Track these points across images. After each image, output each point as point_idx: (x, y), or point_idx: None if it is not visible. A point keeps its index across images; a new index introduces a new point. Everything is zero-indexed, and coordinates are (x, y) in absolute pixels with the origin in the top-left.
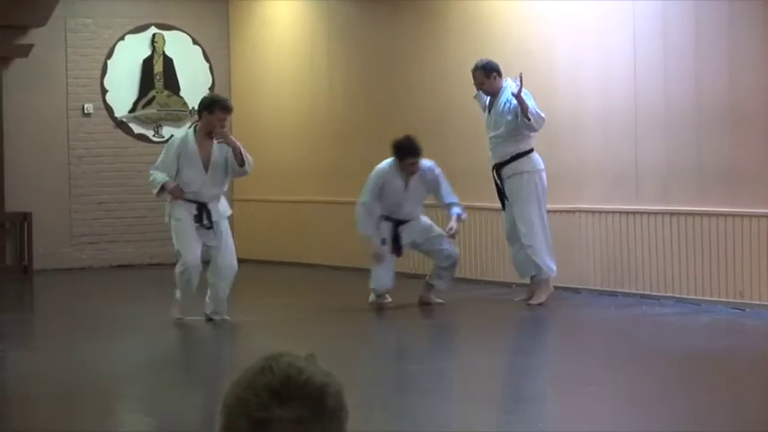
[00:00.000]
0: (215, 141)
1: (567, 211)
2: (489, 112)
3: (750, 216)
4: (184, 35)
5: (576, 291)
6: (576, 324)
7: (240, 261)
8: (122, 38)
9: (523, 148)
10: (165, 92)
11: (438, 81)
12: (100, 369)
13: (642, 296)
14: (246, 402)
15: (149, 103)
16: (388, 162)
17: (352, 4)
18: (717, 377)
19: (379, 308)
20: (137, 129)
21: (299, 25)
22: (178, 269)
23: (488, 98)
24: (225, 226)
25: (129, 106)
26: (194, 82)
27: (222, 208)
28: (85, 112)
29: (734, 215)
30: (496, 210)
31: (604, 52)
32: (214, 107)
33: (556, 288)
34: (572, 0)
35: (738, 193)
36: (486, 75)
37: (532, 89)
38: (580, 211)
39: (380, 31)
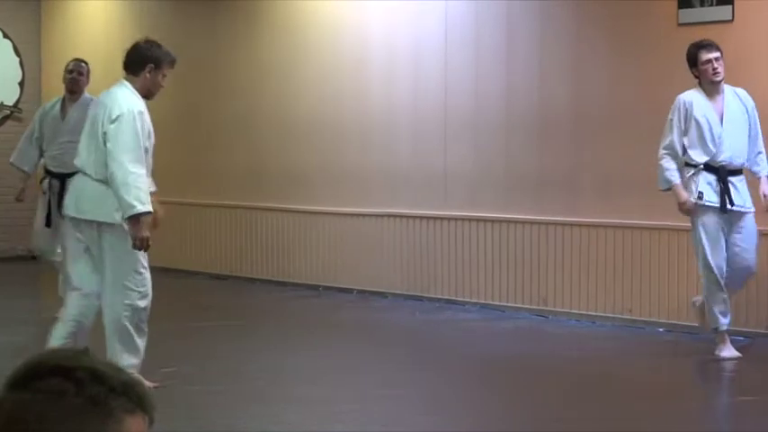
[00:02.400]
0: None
1: (377, 216)
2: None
3: (555, 224)
4: None
5: (383, 295)
6: (380, 328)
7: None
8: None
9: None
10: None
11: (251, 80)
12: None
13: (448, 301)
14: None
15: None
16: None
17: (165, 4)
18: (516, 380)
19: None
20: None
21: (112, 25)
22: None
23: None
24: None
25: None
26: (3, 76)
27: None
28: None
29: (539, 223)
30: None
31: (417, 55)
32: None
33: (362, 291)
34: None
35: (545, 201)
36: None
37: (345, 91)
38: (389, 215)
39: (194, 32)
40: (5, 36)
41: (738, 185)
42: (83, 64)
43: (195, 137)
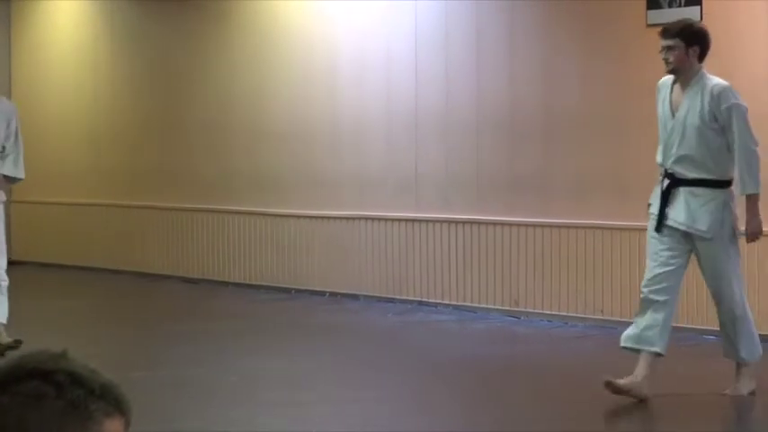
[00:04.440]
0: None
1: (348, 218)
2: None
3: (526, 225)
4: None
5: (355, 297)
6: (353, 330)
7: (19, 263)
8: None
9: None
10: None
11: (222, 82)
12: None
13: (420, 302)
14: None
15: None
16: None
17: (136, 5)
18: (488, 381)
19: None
20: None
21: (83, 26)
22: None
23: None
24: None
25: None
26: None
27: None
28: None
29: (510, 224)
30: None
31: (388, 59)
32: None
33: (334, 294)
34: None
35: (516, 202)
36: None
37: (316, 94)
38: (361, 218)
39: (165, 33)
40: None
41: (692, 200)
42: None
43: (166, 140)
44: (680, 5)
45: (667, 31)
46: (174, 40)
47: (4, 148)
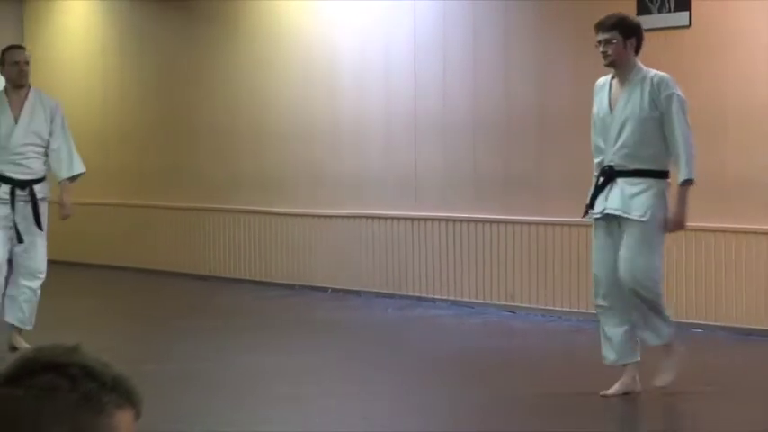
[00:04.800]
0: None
1: (350, 217)
2: None
3: (521, 223)
4: None
5: (357, 293)
6: (354, 325)
7: None
8: None
9: None
10: None
11: (226, 85)
12: None
13: (419, 298)
14: None
15: None
16: None
17: (145, 10)
18: (487, 373)
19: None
20: None
21: (93, 29)
22: None
23: None
24: None
25: None
26: None
27: None
28: None
29: (506, 222)
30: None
31: (387, 63)
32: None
33: (336, 290)
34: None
35: (511, 201)
36: None
37: (318, 98)
38: (361, 216)
39: (172, 37)
40: None
41: (628, 188)
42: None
43: (173, 141)
44: (669, 10)
45: (603, 25)
46: (181, 44)
47: (48, 144)
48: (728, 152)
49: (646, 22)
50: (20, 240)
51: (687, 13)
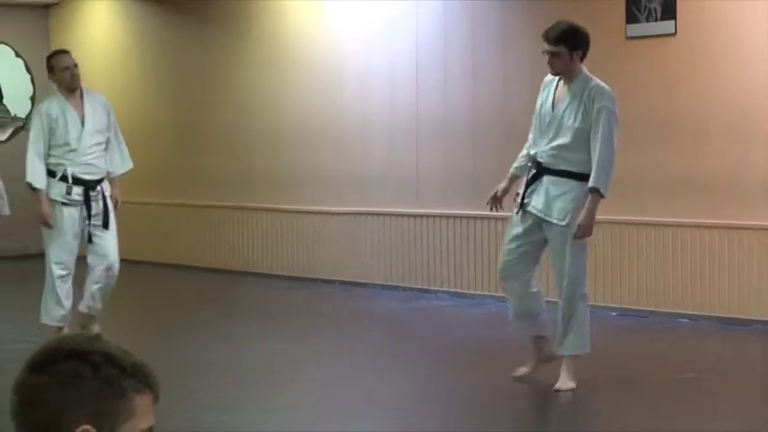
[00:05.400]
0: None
1: (356, 214)
2: None
3: None
4: (7, 48)
5: (363, 285)
6: (361, 315)
7: None
8: None
9: None
10: None
11: (240, 90)
12: None
13: (422, 290)
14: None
15: None
16: None
17: (163, 17)
18: (489, 361)
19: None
20: None
21: (116, 38)
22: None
23: None
24: None
25: None
26: (17, 92)
27: None
28: None
29: (504, 218)
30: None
31: (391, 71)
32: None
33: (344, 282)
34: (360, 3)
35: (507, 199)
36: None
37: (326, 102)
38: (367, 213)
39: (190, 45)
40: (18, 55)
41: (553, 188)
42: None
43: (191, 143)
44: (656, 19)
45: (549, 38)
46: (197, 52)
47: (108, 140)
48: (712, 156)
49: (635, 30)
50: (90, 240)
51: (673, 21)
